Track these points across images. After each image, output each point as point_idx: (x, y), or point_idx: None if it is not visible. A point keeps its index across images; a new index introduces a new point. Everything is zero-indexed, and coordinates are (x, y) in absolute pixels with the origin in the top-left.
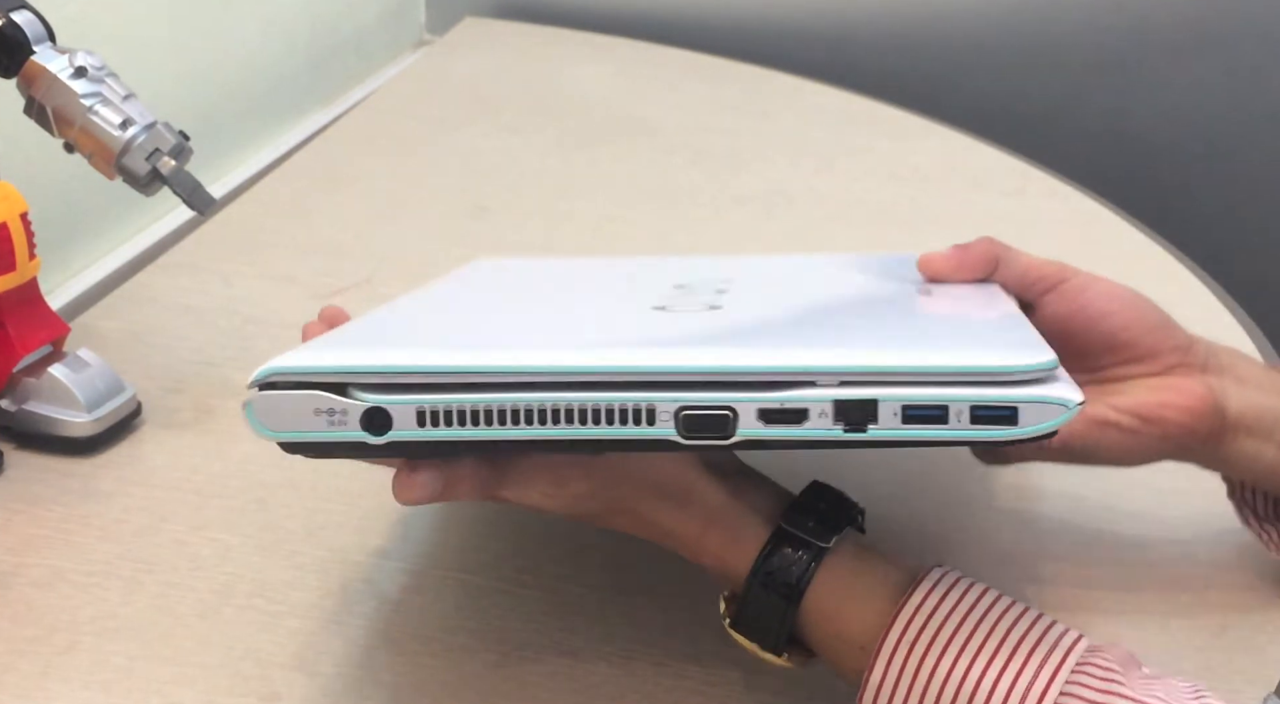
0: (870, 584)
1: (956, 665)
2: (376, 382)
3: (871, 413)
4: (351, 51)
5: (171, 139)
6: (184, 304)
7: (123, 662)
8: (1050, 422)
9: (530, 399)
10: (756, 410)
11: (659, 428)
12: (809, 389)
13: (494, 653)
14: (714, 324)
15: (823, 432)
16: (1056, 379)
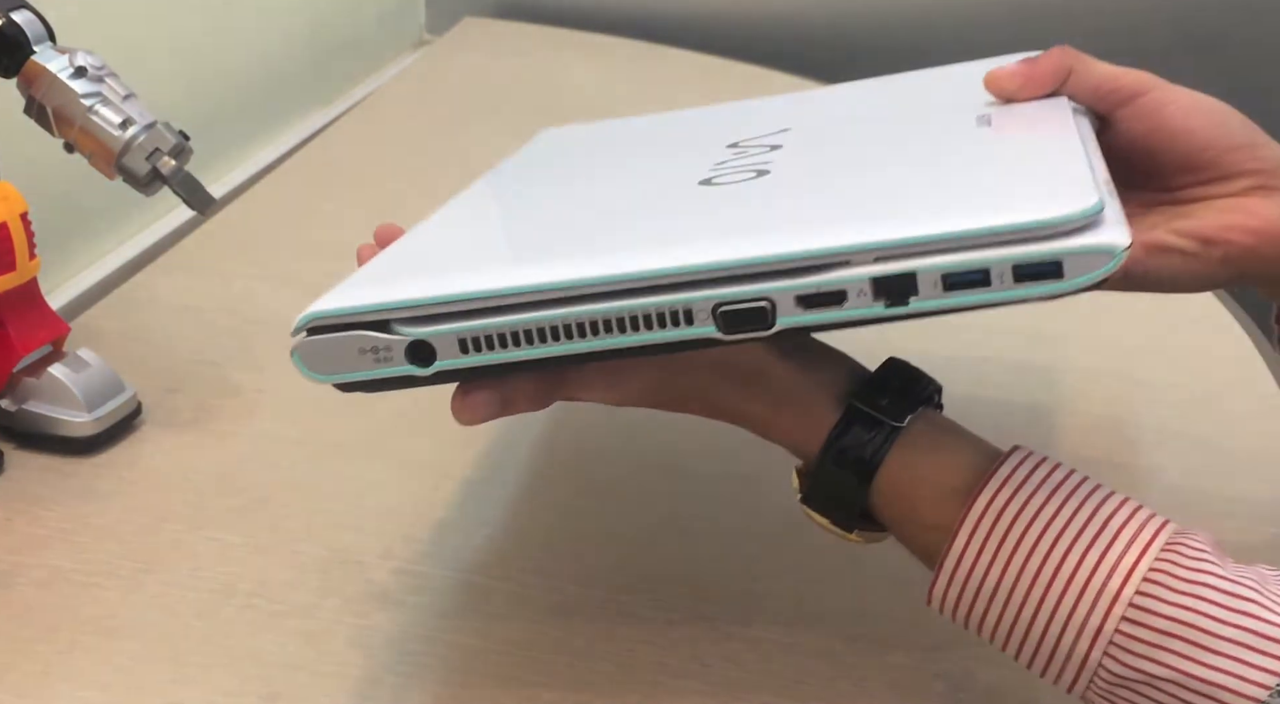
0: (946, 464)
1: (1041, 540)
2: (415, 315)
3: (911, 285)
4: (351, 51)
5: (172, 139)
6: (184, 304)
7: (123, 661)
8: (1097, 272)
9: (563, 314)
10: (794, 298)
11: (698, 327)
12: (844, 269)
13: (495, 652)
14: (754, 200)
15: (864, 310)
16: (1101, 223)
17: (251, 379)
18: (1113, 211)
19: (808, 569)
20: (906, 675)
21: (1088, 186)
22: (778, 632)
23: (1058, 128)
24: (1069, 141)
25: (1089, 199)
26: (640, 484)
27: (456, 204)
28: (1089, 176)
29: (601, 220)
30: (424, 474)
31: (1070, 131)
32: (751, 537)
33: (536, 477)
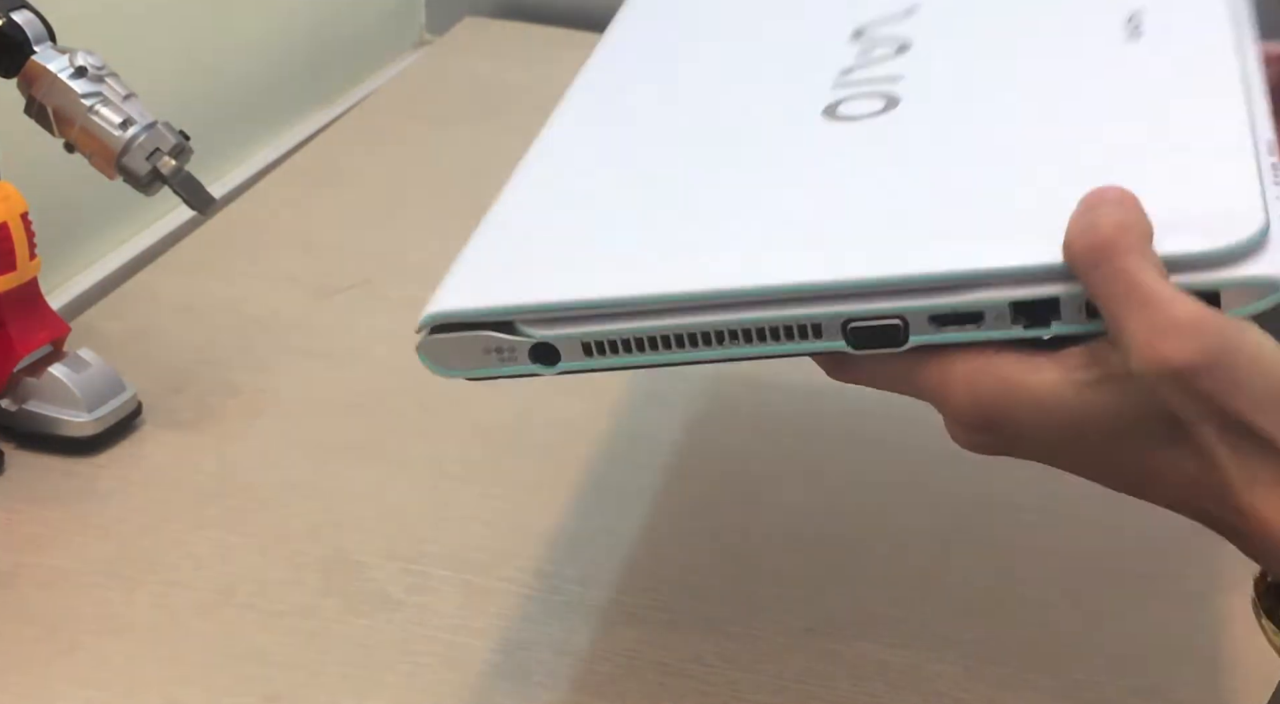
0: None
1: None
2: (540, 318)
3: (1054, 310)
4: (351, 51)
5: (172, 139)
6: (184, 304)
7: (123, 661)
8: (1254, 304)
9: (690, 324)
10: (928, 317)
11: (827, 341)
12: (983, 291)
13: (496, 653)
14: (885, 164)
15: (1002, 332)
16: (1264, 248)
17: (252, 379)
18: (1276, 235)
19: (808, 570)
20: (906, 676)
21: (1254, 205)
22: (778, 632)
23: (1209, 62)
24: (1232, 108)
25: (1252, 225)
26: (641, 484)
27: (558, 137)
28: (1256, 187)
29: (721, 191)
30: (425, 474)
31: (1222, 69)
32: (753, 537)
33: (537, 477)
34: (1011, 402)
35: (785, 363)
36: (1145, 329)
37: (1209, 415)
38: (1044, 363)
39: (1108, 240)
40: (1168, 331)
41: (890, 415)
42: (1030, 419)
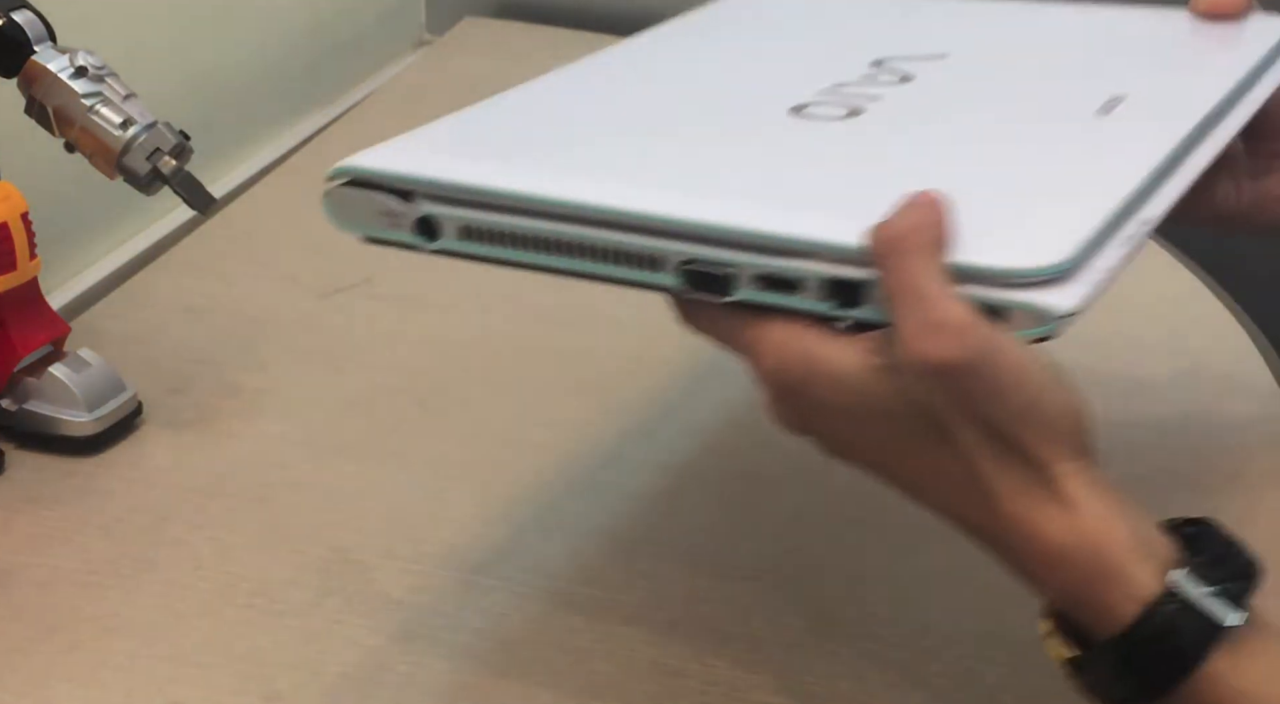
0: (1262, 675)
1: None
2: (431, 193)
3: (862, 294)
4: (351, 51)
5: (172, 139)
6: (185, 304)
7: (124, 661)
8: (1034, 330)
9: (550, 230)
10: (754, 275)
11: (663, 275)
12: (804, 261)
13: (497, 652)
14: (812, 152)
15: (813, 304)
16: (1059, 283)
17: (252, 379)
18: (1091, 272)
19: (809, 569)
20: (907, 675)
21: (1069, 243)
22: (778, 631)
23: (1149, 143)
24: (1131, 169)
25: (1052, 256)
26: (640, 484)
27: (561, 75)
28: (1087, 234)
29: (653, 141)
30: (425, 474)
31: (1155, 150)
32: (752, 536)
33: (536, 477)
34: (810, 372)
35: None
36: (913, 324)
37: (970, 419)
38: (845, 342)
39: (898, 236)
40: (932, 329)
41: None
42: (824, 394)
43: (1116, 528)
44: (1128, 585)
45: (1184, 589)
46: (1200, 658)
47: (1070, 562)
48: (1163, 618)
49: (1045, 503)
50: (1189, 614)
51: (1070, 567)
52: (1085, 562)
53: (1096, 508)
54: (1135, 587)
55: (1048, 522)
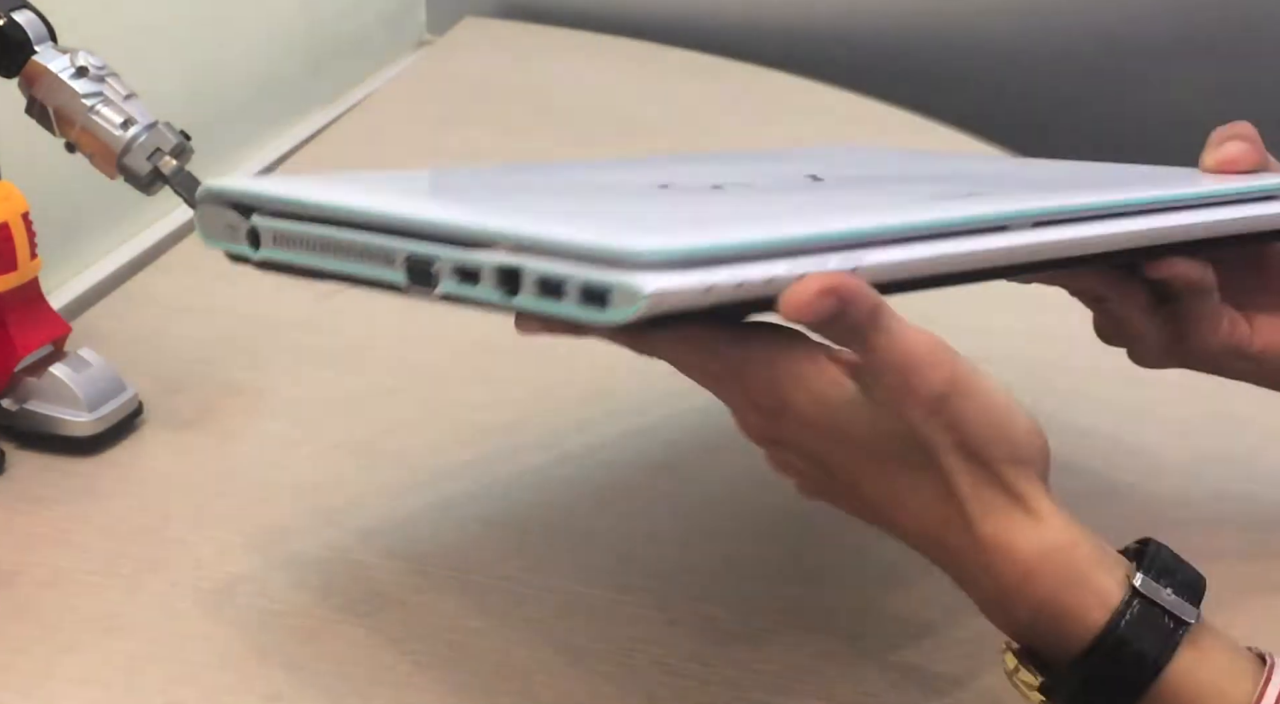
0: (1227, 670)
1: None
2: (264, 208)
3: (519, 281)
4: (352, 51)
5: (173, 139)
6: (185, 304)
7: (124, 661)
8: (620, 309)
9: (320, 233)
10: (452, 267)
11: (395, 271)
12: (484, 251)
13: (496, 651)
14: (607, 198)
15: (489, 293)
16: (651, 268)
17: (252, 379)
18: (706, 273)
19: (808, 569)
20: (907, 675)
21: (668, 233)
22: (779, 631)
23: (875, 209)
24: (757, 204)
25: (647, 243)
26: (641, 484)
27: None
28: (683, 227)
29: (464, 180)
30: (425, 474)
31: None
32: (752, 537)
33: (537, 477)
34: (797, 392)
35: None
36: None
37: (953, 445)
38: (831, 370)
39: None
40: (917, 363)
41: None
42: (810, 413)
43: (1082, 540)
44: (1096, 592)
45: (1148, 591)
46: (1170, 655)
47: (1044, 572)
48: (1132, 619)
49: (1019, 519)
50: (1155, 613)
51: (1044, 577)
52: (1058, 571)
53: (1063, 522)
54: (1103, 593)
55: (1022, 536)
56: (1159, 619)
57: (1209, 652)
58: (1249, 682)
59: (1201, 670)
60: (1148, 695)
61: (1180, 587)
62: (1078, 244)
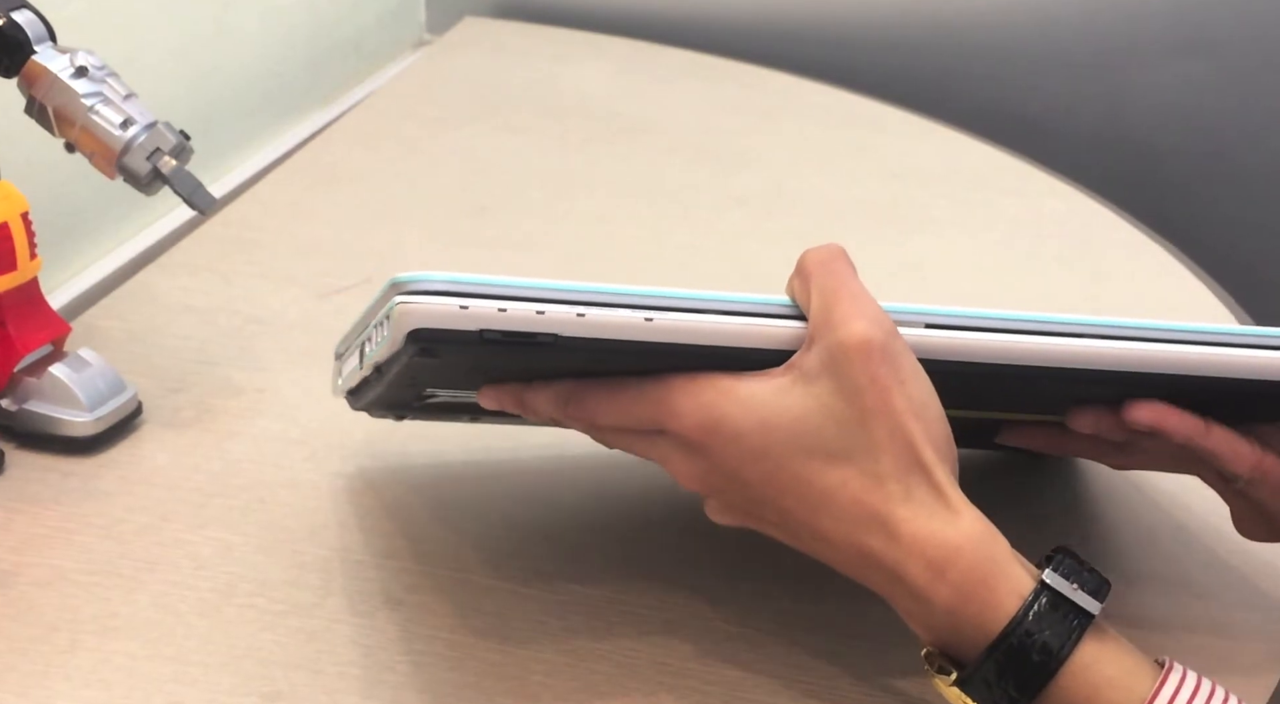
0: (1128, 664)
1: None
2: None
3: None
4: (351, 51)
5: (172, 139)
6: (185, 303)
7: (124, 661)
8: (396, 326)
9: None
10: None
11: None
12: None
13: (496, 652)
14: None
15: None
16: (418, 293)
17: (252, 379)
18: (440, 299)
19: (807, 569)
20: (906, 676)
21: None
22: (778, 631)
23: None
24: None
25: (410, 274)
26: (640, 484)
27: None
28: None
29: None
30: (424, 474)
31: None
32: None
33: (537, 477)
34: (725, 403)
35: None
36: (848, 311)
37: (879, 410)
38: (751, 376)
39: (830, 254)
40: (862, 315)
41: None
42: (738, 419)
43: (996, 535)
44: (1009, 581)
45: (1054, 584)
46: (1074, 645)
47: (963, 560)
48: (1041, 610)
49: (939, 508)
50: (1062, 604)
51: (963, 565)
52: (975, 561)
53: (977, 517)
54: (1016, 582)
55: (943, 524)
56: (1066, 611)
57: (1111, 650)
58: (1147, 680)
59: (1104, 665)
60: (1054, 684)
61: (1086, 586)
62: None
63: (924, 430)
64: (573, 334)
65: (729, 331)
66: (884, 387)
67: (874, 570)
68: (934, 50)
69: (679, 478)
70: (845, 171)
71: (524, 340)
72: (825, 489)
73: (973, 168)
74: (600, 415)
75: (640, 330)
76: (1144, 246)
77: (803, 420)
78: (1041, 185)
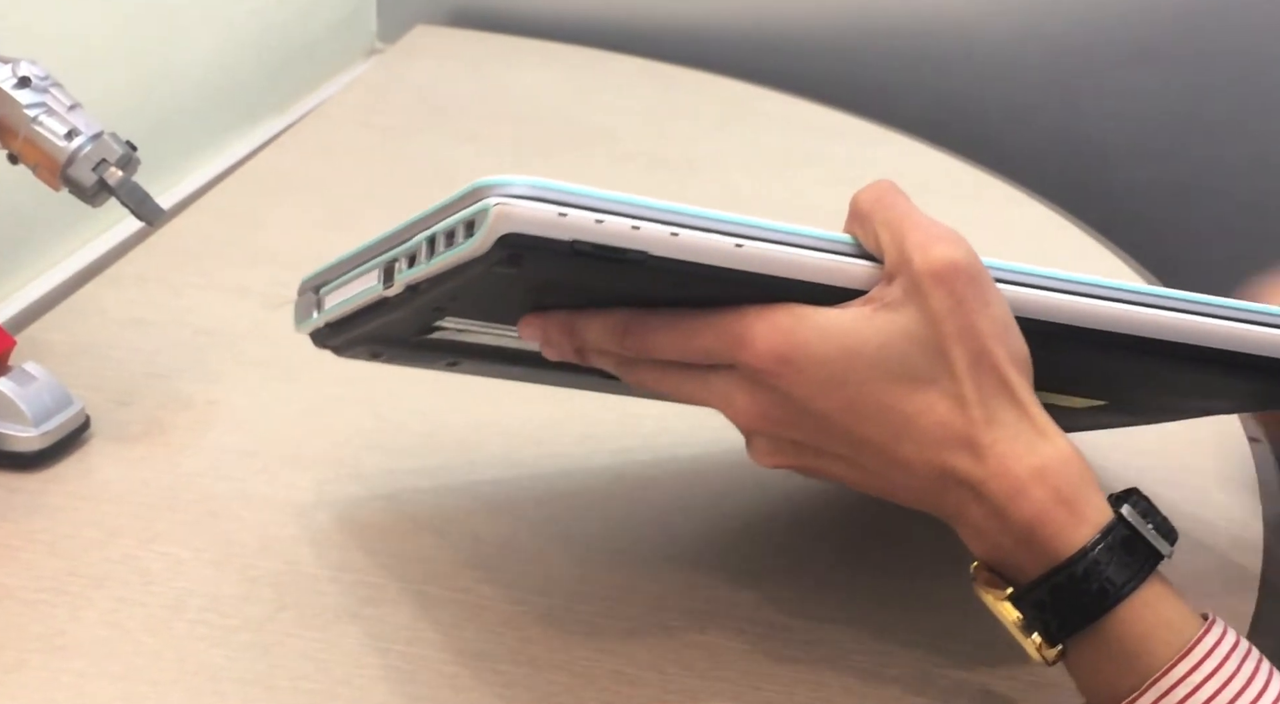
0: (1179, 609)
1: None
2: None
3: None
4: (303, 59)
5: (118, 149)
6: (133, 316)
7: (71, 679)
8: (480, 236)
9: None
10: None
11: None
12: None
13: (452, 664)
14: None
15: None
16: (509, 196)
17: (203, 391)
18: (534, 204)
19: (766, 579)
20: (865, 679)
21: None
22: (736, 640)
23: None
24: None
25: (499, 179)
26: (597, 493)
27: None
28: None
29: None
30: (378, 486)
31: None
32: (710, 546)
33: (491, 487)
34: (804, 330)
35: None
36: (919, 238)
37: (963, 332)
38: (830, 307)
39: (882, 189)
40: (937, 239)
41: None
42: (816, 346)
43: (1081, 458)
44: (1089, 507)
45: (1132, 518)
46: (1139, 584)
47: (1048, 480)
48: (1113, 542)
49: (1025, 429)
50: (1135, 539)
51: (1048, 485)
52: (1060, 483)
53: (1065, 439)
54: (1095, 511)
55: (1028, 446)
56: (1137, 548)
57: (1169, 595)
58: (1193, 628)
59: (1160, 607)
60: (1110, 618)
61: (1159, 527)
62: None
63: (1008, 352)
64: (663, 254)
65: (817, 265)
66: (969, 309)
67: (952, 491)
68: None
69: (737, 415)
70: (800, 177)
71: (613, 255)
72: (909, 414)
73: (925, 174)
74: (662, 346)
75: (729, 256)
76: (1094, 251)
77: (886, 347)
78: (995, 191)
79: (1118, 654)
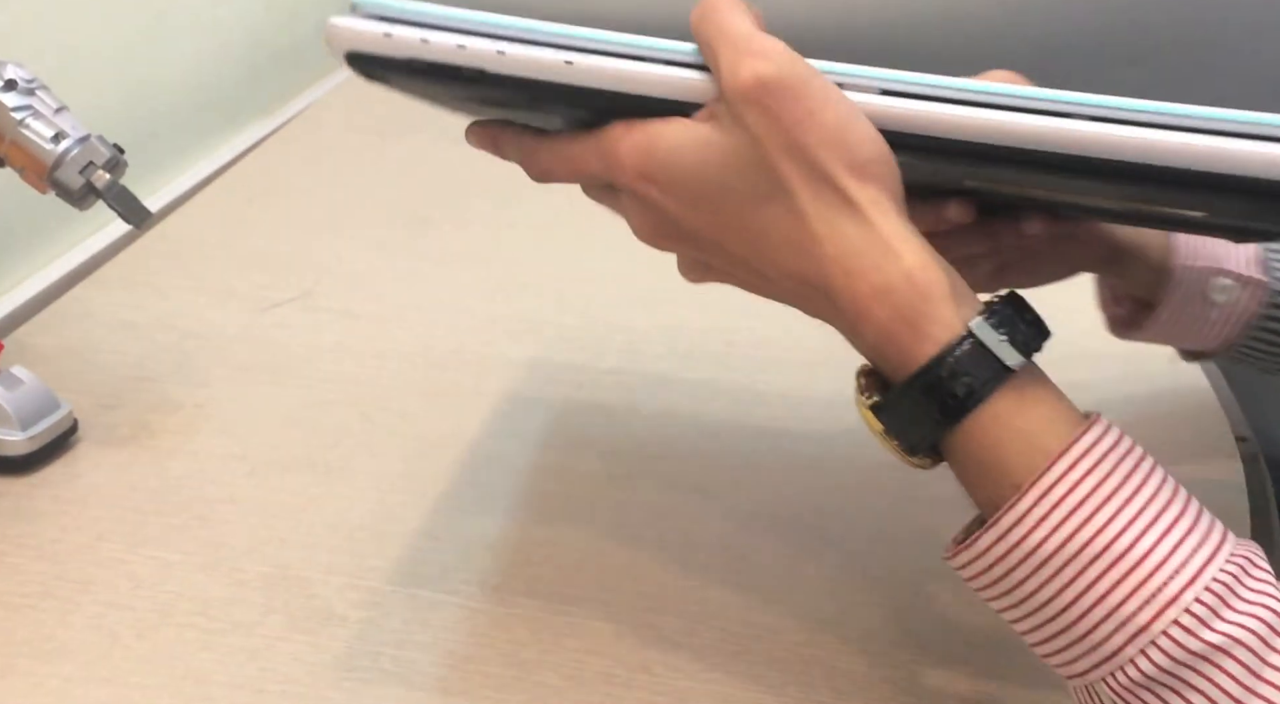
0: (1043, 418)
1: (1111, 523)
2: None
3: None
4: (289, 64)
5: (106, 152)
6: (120, 319)
7: (59, 684)
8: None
9: None
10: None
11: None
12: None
13: (441, 666)
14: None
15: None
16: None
17: (190, 394)
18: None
19: (755, 581)
20: (854, 682)
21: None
22: (725, 641)
23: None
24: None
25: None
26: (586, 496)
27: None
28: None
29: None
30: (367, 489)
31: None
32: (699, 547)
33: (479, 490)
34: (658, 151)
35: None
36: (730, 56)
37: (789, 149)
38: (681, 123)
39: (709, 4)
40: (747, 54)
41: (829, 431)
42: (674, 164)
43: (933, 272)
44: (935, 324)
45: (980, 333)
46: (986, 394)
47: (890, 299)
48: (960, 354)
49: (871, 244)
50: (981, 353)
51: (889, 304)
52: (903, 301)
53: (916, 252)
54: (941, 327)
55: (874, 263)
56: (984, 360)
57: (1032, 402)
58: (1066, 430)
59: (1018, 417)
60: (961, 428)
61: (1016, 338)
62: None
63: (845, 159)
64: (497, 71)
65: (656, 79)
66: (788, 124)
67: (816, 301)
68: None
69: (637, 233)
70: None
71: (451, 74)
72: (760, 230)
73: None
74: (559, 171)
75: (562, 72)
76: None
77: (727, 167)
78: None
79: (974, 466)
